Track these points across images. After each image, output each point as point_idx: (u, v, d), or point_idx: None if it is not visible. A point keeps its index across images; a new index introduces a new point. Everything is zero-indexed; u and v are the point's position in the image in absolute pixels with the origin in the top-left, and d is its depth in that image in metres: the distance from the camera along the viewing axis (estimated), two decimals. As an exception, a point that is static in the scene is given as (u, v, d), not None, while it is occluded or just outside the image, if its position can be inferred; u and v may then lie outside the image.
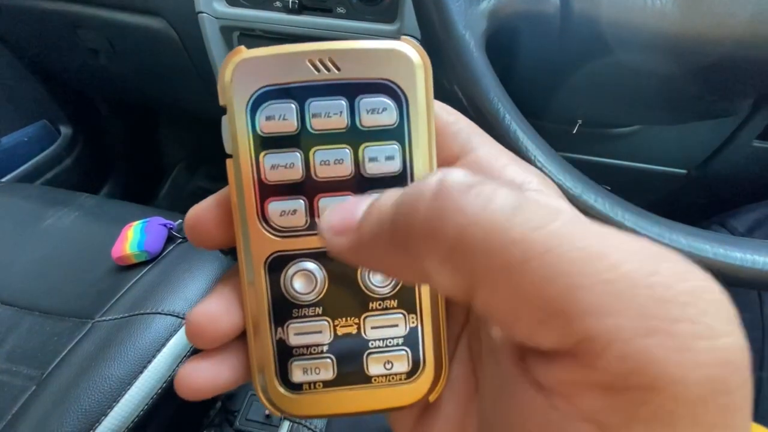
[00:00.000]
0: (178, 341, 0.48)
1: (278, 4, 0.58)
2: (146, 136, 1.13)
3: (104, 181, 1.04)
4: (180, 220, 0.59)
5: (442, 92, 0.28)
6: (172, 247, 0.56)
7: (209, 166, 1.13)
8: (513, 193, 0.10)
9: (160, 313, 0.48)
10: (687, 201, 0.66)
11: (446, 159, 0.15)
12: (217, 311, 0.15)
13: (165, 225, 0.57)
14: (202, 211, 0.15)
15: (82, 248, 0.57)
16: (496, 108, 0.26)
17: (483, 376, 0.14)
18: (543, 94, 0.46)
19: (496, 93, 0.26)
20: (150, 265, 0.54)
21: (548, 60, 0.39)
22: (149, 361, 0.45)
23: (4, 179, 0.83)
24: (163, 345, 0.46)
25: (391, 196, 0.11)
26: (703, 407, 0.08)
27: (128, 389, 0.43)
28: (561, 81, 0.42)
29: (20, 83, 0.88)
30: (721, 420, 0.09)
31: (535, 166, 0.26)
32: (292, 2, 0.57)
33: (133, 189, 1.08)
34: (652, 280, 0.09)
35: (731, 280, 0.23)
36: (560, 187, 0.26)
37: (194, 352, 0.48)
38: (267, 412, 0.54)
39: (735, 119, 0.53)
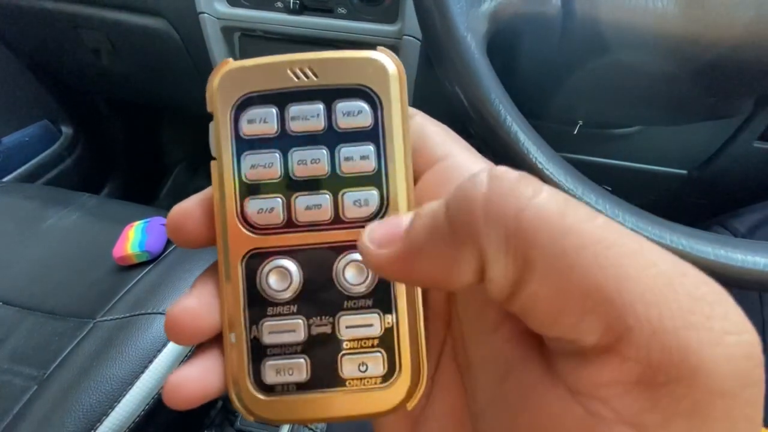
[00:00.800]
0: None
1: (279, 4, 0.58)
2: (147, 135, 1.13)
3: (105, 180, 1.04)
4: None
5: (444, 94, 0.28)
6: (173, 247, 0.56)
7: (210, 167, 1.13)
8: (555, 189, 0.11)
9: (161, 314, 0.48)
10: (688, 201, 0.66)
11: (424, 164, 0.16)
12: (198, 307, 0.15)
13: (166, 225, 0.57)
14: (185, 210, 0.15)
15: (83, 248, 0.57)
16: (498, 110, 0.26)
17: (479, 389, 0.14)
18: (543, 95, 0.46)
19: (497, 95, 0.26)
20: (151, 266, 0.54)
21: (549, 61, 0.39)
22: (150, 362, 0.45)
23: (5, 179, 0.83)
24: (164, 345, 0.47)
25: (434, 202, 0.12)
26: (732, 400, 0.09)
27: (129, 389, 0.43)
28: (561, 82, 0.42)
29: (22, 83, 0.88)
30: (749, 412, 0.09)
31: (536, 166, 0.26)
32: (293, 2, 0.57)
33: (134, 189, 1.09)
34: (684, 279, 0.09)
35: (732, 281, 0.23)
36: (560, 188, 0.26)
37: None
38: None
39: (736, 120, 0.53)
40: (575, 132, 0.54)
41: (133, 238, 0.54)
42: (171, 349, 0.47)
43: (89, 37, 0.74)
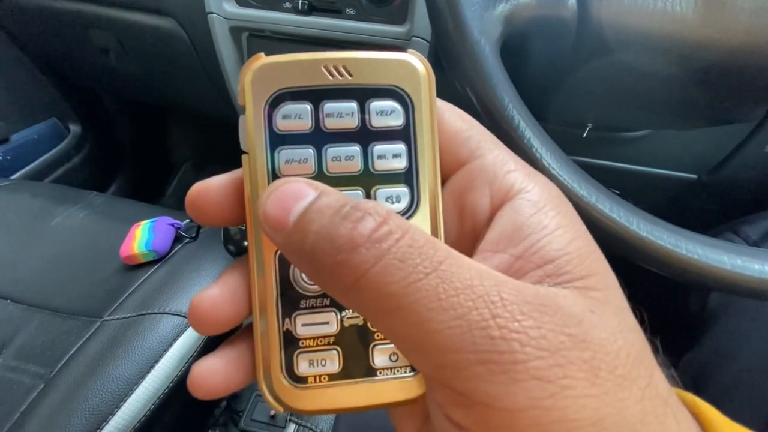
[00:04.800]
0: (185, 341, 0.48)
1: (287, 4, 0.58)
2: (154, 134, 1.14)
3: (112, 179, 1.04)
4: (187, 220, 0.59)
5: (457, 96, 0.28)
6: (179, 246, 0.56)
7: (216, 165, 1.13)
8: (408, 244, 0.12)
9: (167, 313, 0.48)
10: (697, 206, 0.66)
11: (456, 162, 0.16)
12: (222, 297, 0.15)
13: (173, 225, 0.57)
14: (206, 187, 0.16)
15: (90, 246, 0.58)
16: (511, 115, 0.25)
17: None
18: (553, 98, 0.45)
19: (510, 99, 0.26)
20: (158, 265, 0.54)
21: (561, 63, 0.39)
22: (156, 361, 0.45)
23: (13, 177, 0.84)
24: (171, 345, 0.47)
25: (318, 217, 0.13)
26: (521, 417, 0.11)
27: (135, 389, 0.43)
28: (573, 85, 0.41)
29: (30, 81, 0.89)
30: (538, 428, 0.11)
31: (549, 173, 0.26)
32: (301, 3, 0.56)
33: (141, 187, 1.09)
34: (490, 323, 0.11)
35: (749, 292, 0.22)
36: (574, 194, 0.26)
37: (201, 353, 0.48)
38: (272, 412, 0.54)
39: (747, 125, 0.52)
40: (584, 135, 0.53)
41: (140, 237, 0.55)
42: (177, 349, 0.47)
43: (98, 36, 0.75)
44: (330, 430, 0.48)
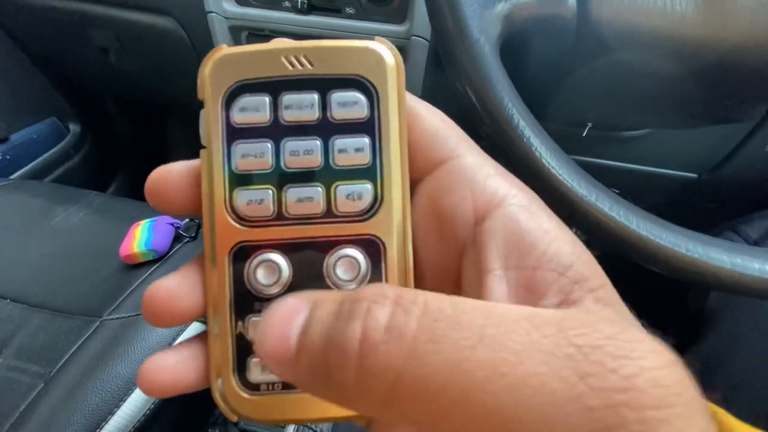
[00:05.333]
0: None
1: (287, 4, 0.57)
2: (154, 134, 1.14)
3: (112, 178, 1.04)
4: (187, 219, 0.59)
5: (454, 95, 0.28)
6: (179, 246, 0.56)
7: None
8: (435, 318, 0.10)
9: (167, 313, 0.48)
10: (697, 206, 0.66)
11: (430, 163, 0.15)
12: (177, 289, 0.14)
13: (172, 224, 0.57)
14: (167, 173, 0.15)
15: (90, 246, 0.58)
16: (510, 114, 0.25)
17: None
18: (553, 97, 0.45)
19: (510, 98, 0.26)
20: (157, 264, 0.54)
21: (560, 62, 0.39)
22: (156, 361, 0.45)
23: (13, 176, 0.83)
24: (170, 344, 0.47)
25: (320, 329, 0.11)
26: None
27: (135, 388, 0.43)
28: (572, 84, 0.41)
29: (30, 81, 0.89)
30: None
31: (548, 172, 0.26)
32: (301, 2, 0.56)
33: (141, 186, 1.07)
34: (581, 388, 0.09)
35: (750, 291, 0.22)
36: (573, 193, 0.26)
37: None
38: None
39: (747, 124, 0.52)
40: (584, 134, 0.53)
41: (140, 236, 0.54)
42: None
43: (98, 35, 0.75)
44: (330, 429, 0.48)
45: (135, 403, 0.43)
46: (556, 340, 0.09)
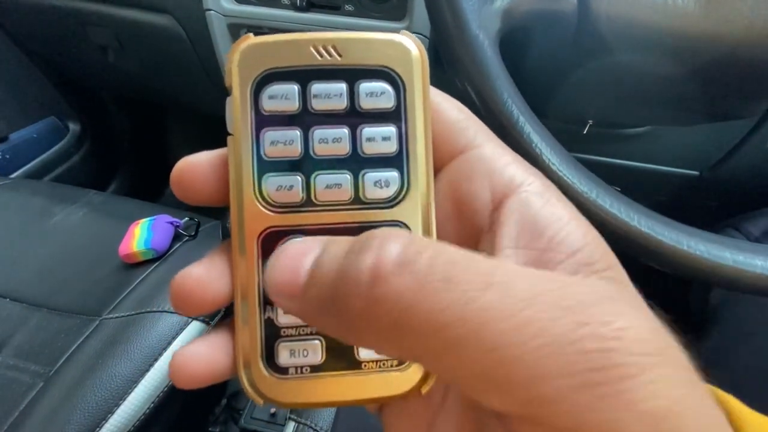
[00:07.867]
0: (184, 340, 0.48)
1: (286, 1, 0.57)
2: (154, 132, 1.14)
3: (112, 177, 1.04)
4: (187, 218, 0.59)
5: (455, 92, 0.28)
6: (178, 245, 0.56)
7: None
8: (446, 261, 0.10)
9: (166, 312, 0.48)
10: (699, 203, 0.65)
11: (450, 152, 0.15)
12: (205, 276, 0.14)
13: (172, 223, 0.57)
14: (193, 163, 0.15)
15: (89, 245, 0.57)
16: (510, 110, 0.25)
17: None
18: (553, 93, 0.45)
19: (509, 94, 0.25)
20: (157, 263, 0.54)
21: (560, 59, 0.39)
22: (155, 360, 0.45)
23: (12, 175, 0.83)
24: (170, 343, 0.47)
25: (332, 262, 0.11)
26: None
27: (135, 387, 0.43)
28: (573, 80, 0.41)
29: (29, 80, 0.89)
30: None
31: (549, 168, 0.26)
32: (300, -1, 0.56)
33: (141, 185, 1.09)
34: (579, 333, 0.10)
35: (752, 288, 0.22)
36: (574, 190, 0.26)
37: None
38: (273, 410, 0.54)
39: (748, 121, 0.52)
40: (585, 131, 0.53)
41: (139, 235, 0.54)
42: (176, 348, 0.47)
43: (96, 34, 0.74)
44: (330, 428, 0.47)
45: (135, 403, 0.43)
46: (560, 293, 0.10)
